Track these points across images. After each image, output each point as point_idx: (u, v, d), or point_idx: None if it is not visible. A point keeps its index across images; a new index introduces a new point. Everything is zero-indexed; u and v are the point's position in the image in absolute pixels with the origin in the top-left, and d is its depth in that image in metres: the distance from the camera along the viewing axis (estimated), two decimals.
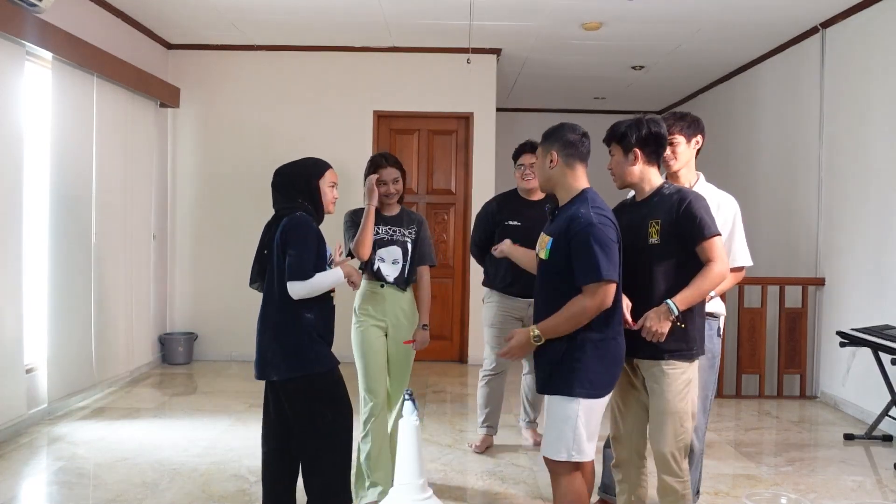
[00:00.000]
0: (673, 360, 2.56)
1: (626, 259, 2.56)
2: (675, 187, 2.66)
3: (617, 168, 2.68)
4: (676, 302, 2.50)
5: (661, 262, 2.57)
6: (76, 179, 4.98)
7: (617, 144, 2.66)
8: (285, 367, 2.78)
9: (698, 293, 2.53)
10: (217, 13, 5.71)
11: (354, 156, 6.74)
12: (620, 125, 2.66)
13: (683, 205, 2.54)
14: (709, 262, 2.53)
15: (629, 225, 2.64)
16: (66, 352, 4.82)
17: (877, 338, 4.37)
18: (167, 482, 3.60)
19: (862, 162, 5.07)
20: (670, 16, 5.44)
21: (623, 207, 2.79)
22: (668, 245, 2.55)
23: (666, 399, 2.56)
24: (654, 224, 2.57)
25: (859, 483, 3.79)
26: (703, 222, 2.53)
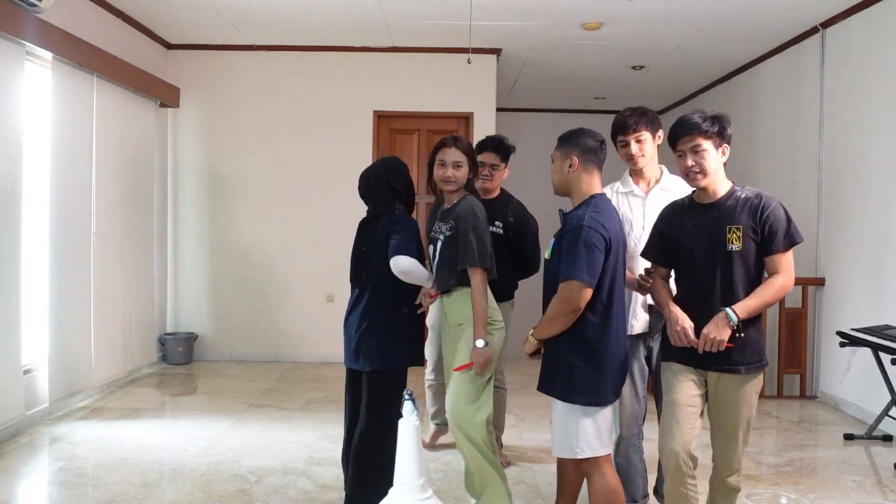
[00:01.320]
0: (750, 372, 2.52)
1: (696, 266, 2.51)
2: (753, 190, 2.53)
3: (710, 163, 2.50)
4: (737, 310, 2.42)
5: (742, 269, 2.47)
6: (76, 179, 4.98)
7: (707, 138, 2.48)
8: (379, 358, 2.97)
9: (760, 304, 2.45)
10: (217, 13, 5.70)
11: (354, 156, 6.75)
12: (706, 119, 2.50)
13: (767, 210, 2.45)
14: (776, 274, 2.46)
15: (695, 229, 2.53)
16: (65, 352, 4.82)
17: (877, 338, 4.37)
18: (167, 482, 3.60)
19: (862, 162, 5.07)
20: (670, 16, 5.44)
21: (680, 209, 2.64)
22: (750, 252, 2.46)
23: (741, 414, 2.54)
24: (735, 230, 2.46)
25: (859, 483, 3.79)
26: (785, 232, 2.45)
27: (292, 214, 6.75)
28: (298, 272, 6.73)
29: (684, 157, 2.52)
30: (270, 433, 4.45)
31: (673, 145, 2.58)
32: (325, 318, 6.73)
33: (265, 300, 6.72)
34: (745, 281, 2.46)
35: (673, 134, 2.57)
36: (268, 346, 6.72)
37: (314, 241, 6.73)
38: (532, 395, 5.67)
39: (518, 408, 4.99)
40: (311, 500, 3.40)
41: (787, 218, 2.46)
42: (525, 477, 3.77)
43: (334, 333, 6.73)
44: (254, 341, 6.72)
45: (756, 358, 2.53)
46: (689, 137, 2.49)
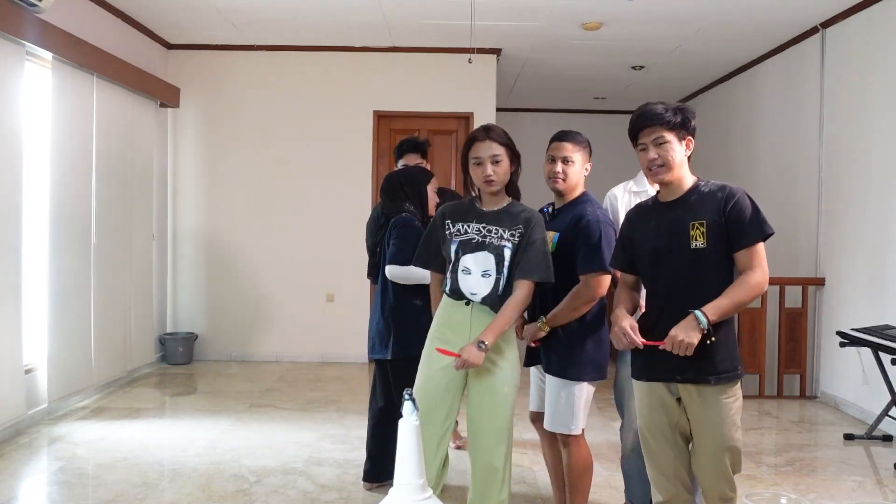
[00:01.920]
0: (722, 383, 2.24)
1: (661, 269, 2.32)
2: (717, 183, 2.34)
3: (671, 157, 2.30)
4: (707, 312, 2.18)
5: (710, 269, 2.26)
6: (76, 179, 4.98)
7: (670, 130, 2.29)
8: (394, 348, 3.24)
9: (733, 304, 2.20)
10: (217, 13, 5.70)
11: (354, 156, 6.76)
12: (668, 110, 2.30)
13: (731, 202, 2.25)
14: (748, 271, 2.22)
15: (658, 229, 2.34)
16: (66, 352, 4.82)
17: (877, 338, 4.37)
18: (167, 482, 3.60)
19: (862, 162, 5.07)
20: (670, 16, 5.44)
21: (644, 211, 2.46)
22: (717, 250, 2.25)
23: (720, 433, 2.25)
24: (698, 226, 2.26)
25: (859, 483, 3.79)
26: (753, 224, 2.23)
27: (292, 214, 6.75)
28: (298, 272, 6.73)
29: (646, 150, 2.32)
30: (270, 433, 4.45)
31: (634, 138, 2.37)
32: (325, 318, 6.74)
33: (265, 300, 6.72)
34: (714, 281, 2.24)
35: (634, 126, 2.35)
36: (268, 346, 6.72)
37: (314, 240, 6.73)
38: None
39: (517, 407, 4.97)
40: (311, 500, 3.40)
41: (753, 209, 2.25)
42: (525, 477, 3.77)
43: (334, 333, 6.80)
44: (254, 341, 6.72)
45: (728, 366, 2.26)
46: (650, 129, 2.29)
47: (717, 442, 2.26)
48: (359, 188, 6.74)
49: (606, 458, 4.10)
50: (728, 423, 2.25)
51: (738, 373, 2.29)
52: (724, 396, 2.25)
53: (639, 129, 2.34)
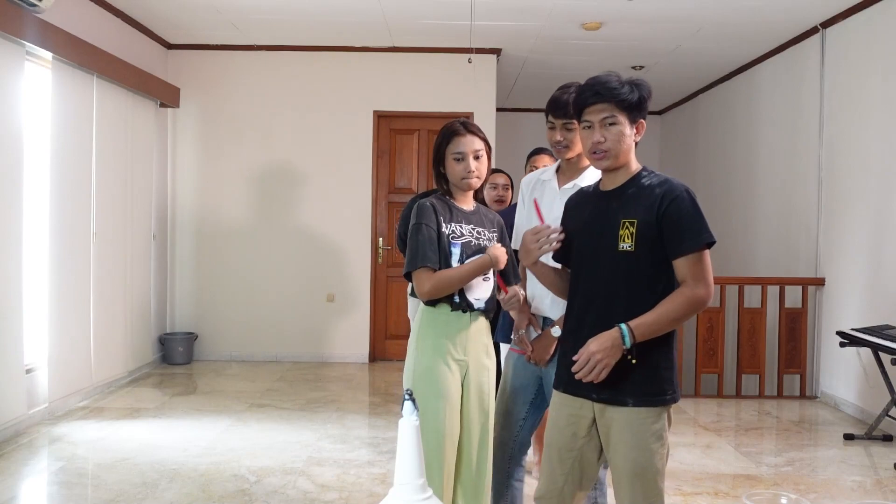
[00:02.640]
0: (641, 406, 1.95)
1: (583, 267, 2.05)
2: (660, 176, 2.01)
3: (617, 143, 1.97)
4: (634, 329, 1.89)
5: (636, 276, 1.95)
6: (76, 179, 4.98)
7: (622, 110, 1.96)
8: None
9: (665, 322, 1.90)
10: (217, 13, 5.70)
11: (354, 156, 6.76)
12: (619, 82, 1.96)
13: (668, 202, 1.93)
14: (683, 284, 1.92)
15: (592, 221, 2.04)
16: (66, 352, 4.82)
17: (877, 338, 4.37)
18: (167, 482, 3.60)
19: (862, 162, 5.07)
20: (670, 16, 5.44)
21: (584, 198, 2.14)
22: (645, 255, 1.94)
23: (632, 456, 1.95)
24: (628, 225, 1.95)
25: (859, 483, 3.79)
26: (690, 230, 1.92)
27: (292, 214, 6.75)
28: (298, 272, 6.73)
29: (592, 130, 1.98)
30: (270, 433, 4.45)
31: (578, 113, 2.03)
32: (325, 318, 6.74)
33: (265, 300, 6.72)
34: (641, 289, 1.94)
35: (580, 99, 2.00)
36: (268, 346, 6.72)
37: (314, 240, 6.73)
38: None
39: None
40: (311, 501, 3.40)
41: (693, 212, 1.93)
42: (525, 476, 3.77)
43: (334, 333, 6.81)
44: (254, 341, 6.72)
45: (651, 389, 1.95)
46: (600, 106, 1.96)
47: (629, 467, 1.96)
48: (359, 188, 6.74)
49: None
50: (642, 449, 1.94)
51: (666, 398, 1.96)
52: (643, 420, 1.94)
53: (586, 103, 1.98)
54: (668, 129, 9.33)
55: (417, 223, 2.39)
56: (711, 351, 5.71)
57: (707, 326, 5.71)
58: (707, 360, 5.71)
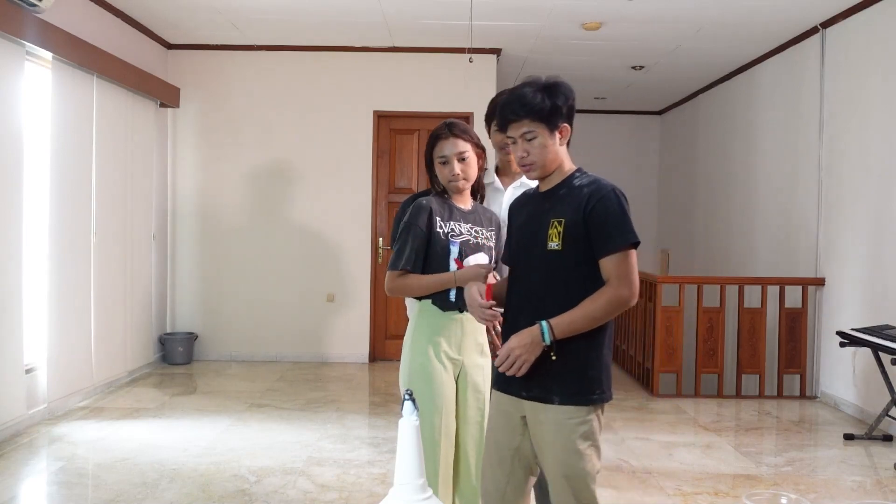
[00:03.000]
0: (567, 404, 1.93)
1: (519, 266, 2.07)
2: (591, 177, 2.03)
3: (541, 154, 1.99)
4: (554, 327, 1.90)
5: (564, 276, 1.96)
6: (76, 179, 4.98)
7: (539, 122, 1.98)
8: None
9: (586, 320, 1.90)
10: (217, 13, 5.70)
11: (354, 156, 6.76)
12: (533, 93, 1.98)
13: (594, 201, 1.94)
14: (608, 283, 1.92)
15: (527, 221, 2.06)
16: (65, 352, 4.82)
17: (877, 338, 4.37)
18: (167, 482, 3.60)
19: (862, 162, 5.07)
20: (670, 16, 5.44)
21: (525, 199, 2.17)
22: (572, 255, 1.95)
23: (560, 458, 1.94)
24: (556, 224, 1.97)
25: (859, 483, 3.79)
26: (614, 230, 1.92)
27: (292, 214, 6.75)
28: (298, 272, 6.73)
29: (516, 145, 2.02)
30: (270, 433, 4.45)
31: (502, 130, 2.08)
32: (325, 318, 6.74)
33: (265, 300, 6.72)
34: (569, 289, 1.95)
35: (501, 118, 2.05)
36: (268, 346, 6.72)
37: (314, 240, 6.73)
38: None
39: None
40: (311, 501, 3.40)
41: (619, 211, 1.93)
42: None
43: (334, 333, 6.81)
44: (254, 341, 6.72)
45: (579, 387, 1.94)
46: (518, 122, 1.99)
47: (556, 469, 1.95)
48: (359, 188, 6.74)
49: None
50: (570, 450, 1.93)
51: (593, 397, 1.95)
52: (569, 419, 1.93)
53: (506, 121, 2.03)
54: (668, 129, 9.33)
55: (409, 223, 2.43)
56: (711, 351, 5.71)
57: (707, 326, 5.72)
58: (707, 360, 5.71)
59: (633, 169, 9.51)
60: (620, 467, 3.94)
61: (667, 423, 4.91)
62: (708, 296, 5.93)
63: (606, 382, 1.99)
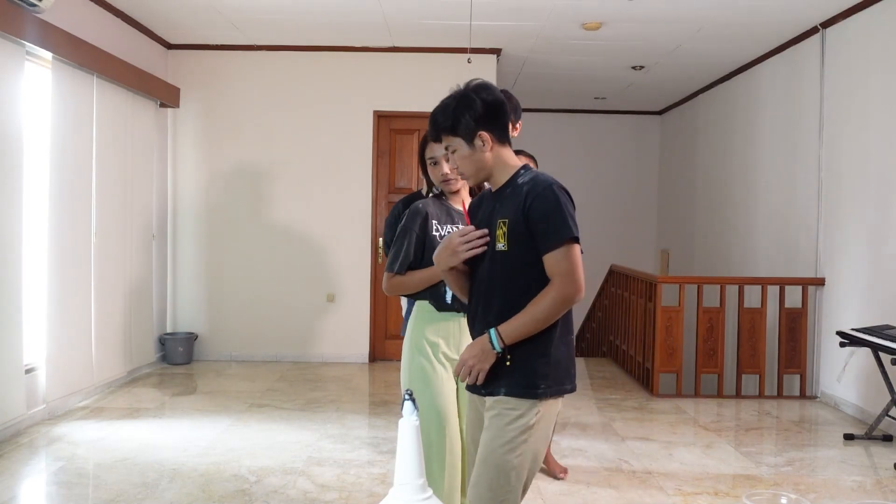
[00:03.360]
0: (509, 396, 1.96)
1: (475, 267, 2.07)
2: (532, 174, 2.02)
3: (466, 165, 2.03)
4: (503, 334, 1.92)
5: (511, 276, 1.97)
6: (76, 179, 4.98)
7: (454, 136, 2.01)
8: None
9: (533, 322, 1.91)
10: (217, 13, 5.70)
11: (354, 156, 6.76)
12: (442, 112, 2.03)
13: (532, 198, 1.93)
14: (552, 281, 1.92)
15: (482, 221, 2.08)
16: (65, 352, 4.82)
17: (877, 338, 4.37)
18: (167, 482, 3.60)
19: (862, 162, 5.07)
20: (670, 16, 5.44)
21: (483, 198, 2.18)
22: (519, 254, 1.95)
23: (491, 447, 1.94)
24: (502, 224, 1.97)
25: (859, 483, 3.79)
26: (553, 225, 1.91)
27: (292, 214, 6.75)
28: (298, 272, 6.74)
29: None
30: (270, 433, 4.45)
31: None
32: (325, 318, 6.74)
33: (265, 300, 6.72)
34: (518, 289, 1.95)
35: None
36: (268, 346, 6.72)
37: (314, 240, 6.74)
38: None
39: None
40: (311, 501, 3.40)
41: (556, 207, 1.92)
42: None
43: (334, 333, 6.81)
44: (254, 341, 6.72)
45: (525, 381, 1.94)
46: (437, 143, 2.13)
47: (484, 452, 1.96)
48: (359, 188, 6.74)
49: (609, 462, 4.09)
50: (502, 438, 1.93)
51: (538, 391, 1.94)
52: (510, 409, 1.95)
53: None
54: (668, 129, 9.34)
55: (406, 227, 2.46)
56: (711, 351, 5.71)
57: (707, 326, 5.72)
58: (707, 360, 5.71)
59: (633, 169, 9.52)
60: (620, 467, 3.94)
61: (667, 423, 4.91)
62: (708, 296, 5.93)
63: (555, 377, 1.97)
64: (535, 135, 9.27)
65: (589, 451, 4.21)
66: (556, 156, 9.29)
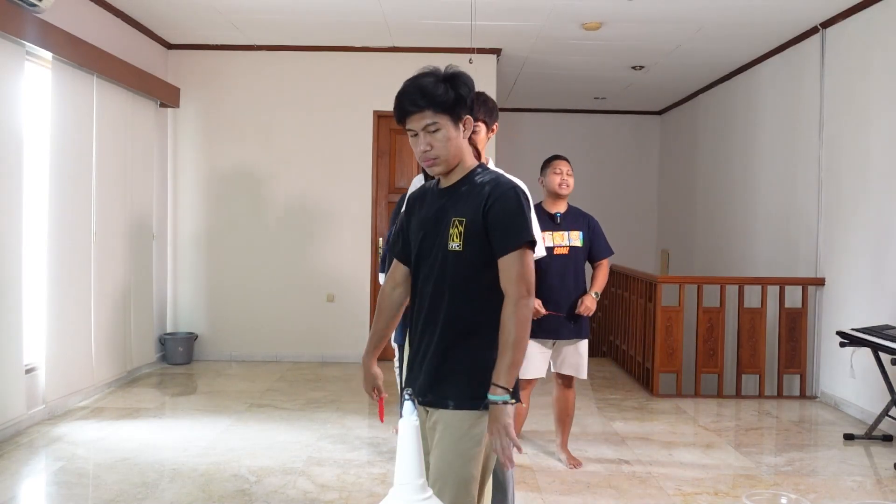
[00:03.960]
0: (460, 409, 1.92)
1: (421, 265, 2.00)
2: (493, 174, 1.98)
3: (447, 149, 1.91)
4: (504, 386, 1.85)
5: (465, 277, 1.91)
6: (76, 179, 4.98)
7: (443, 113, 1.90)
8: None
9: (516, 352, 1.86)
10: (217, 13, 5.70)
11: (354, 156, 6.76)
12: (435, 83, 1.93)
13: (492, 200, 1.89)
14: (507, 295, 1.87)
15: (429, 218, 1.99)
16: (65, 352, 4.82)
17: (877, 338, 4.37)
18: (167, 482, 3.60)
19: (862, 162, 5.07)
20: (670, 16, 5.44)
21: (425, 194, 2.08)
22: (475, 256, 1.90)
23: (448, 461, 1.91)
24: (457, 224, 1.90)
25: (859, 483, 3.79)
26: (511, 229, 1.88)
27: (292, 214, 6.75)
28: (298, 272, 6.73)
29: (417, 138, 1.94)
30: (270, 433, 4.45)
31: (402, 122, 1.97)
32: (325, 318, 6.74)
33: (265, 300, 6.72)
34: (470, 291, 1.91)
35: (401, 109, 1.94)
36: (268, 346, 6.72)
37: (314, 240, 6.73)
38: (533, 395, 5.67)
39: None
40: (311, 501, 3.40)
41: (518, 210, 1.89)
42: (525, 478, 3.77)
43: (334, 333, 6.81)
44: (254, 341, 6.72)
45: (473, 392, 1.90)
46: (420, 114, 1.91)
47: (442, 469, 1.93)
48: (359, 188, 6.74)
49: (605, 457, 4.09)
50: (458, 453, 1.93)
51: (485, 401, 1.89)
52: (461, 422, 1.93)
53: (406, 113, 1.93)
54: (668, 129, 9.33)
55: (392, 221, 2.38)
56: (711, 351, 5.71)
57: (707, 326, 5.72)
58: (707, 360, 5.71)
59: (633, 169, 9.52)
60: (620, 467, 3.94)
61: (667, 423, 4.91)
62: (708, 296, 5.93)
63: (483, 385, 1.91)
64: (535, 135, 9.27)
65: (589, 451, 4.21)
66: None
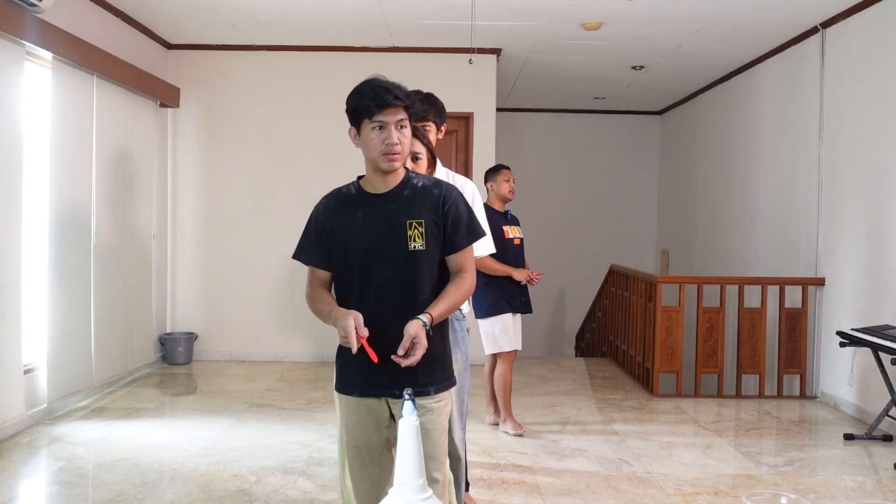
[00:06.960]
0: (440, 392, 2.15)
1: (372, 270, 2.10)
2: (430, 179, 2.19)
3: (406, 146, 2.11)
4: (433, 314, 2.04)
5: (428, 272, 2.11)
6: (76, 179, 4.98)
7: (409, 115, 2.11)
8: None
9: (452, 306, 2.10)
10: (217, 13, 5.70)
11: (354, 156, 6.74)
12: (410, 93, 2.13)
13: (449, 202, 2.12)
14: (461, 273, 2.14)
15: (370, 223, 2.11)
16: (65, 352, 4.82)
17: (877, 338, 4.37)
18: (167, 482, 3.60)
19: (862, 162, 5.07)
20: (670, 16, 5.44)
21: (347, 200, 2.20)
22: (435, 251, 2.11)
23: (432, 441, 2.10)
24: (417, 225, 2.08)
25: (859, 483, 3.79)
26: (468, 226, 2.14)
27: (292, 215, 6.74)
28: (298, 272, 6.71)
29: (385, 131, 2.03)
30: (270, 433, 4.45)
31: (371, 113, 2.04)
32: None
33: (265, 300, 6.72)
34: (430, 283, 2.11)
35: (377, 100, 2.02)
36: (268, 346, 6.72)
37: None
38: (533, 395, 5.66)
39: (517, 408, 4.97)
40: (311, 501, 3.40)
41: (468, 210, 2.17)
42: (525, 477, 3.77)
43: (335, 333, 6.74)
44: (254, 341, 6.72)
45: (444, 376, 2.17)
46: (395, 109, 2.04)
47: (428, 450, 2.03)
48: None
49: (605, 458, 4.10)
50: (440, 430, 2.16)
51: (453, 380, 2.22)
52: (438, 402, 2.15)
53: (385, 103, 2.03)
54: (668, 129, 9.33)
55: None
56: (711, 351, 5.71)
57: (707, 326, 5.72)
58: (707, 360, 5.71)
59: (633, 169, 9.52)
60: (620, 467, 3.94)
61: (667, 423, 4.91)
62: (708, 296, 5.92)
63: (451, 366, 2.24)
64: (535, 135, 9.28)
65: (589, 450, 4.21)
66: (556, 156, 9.30)
